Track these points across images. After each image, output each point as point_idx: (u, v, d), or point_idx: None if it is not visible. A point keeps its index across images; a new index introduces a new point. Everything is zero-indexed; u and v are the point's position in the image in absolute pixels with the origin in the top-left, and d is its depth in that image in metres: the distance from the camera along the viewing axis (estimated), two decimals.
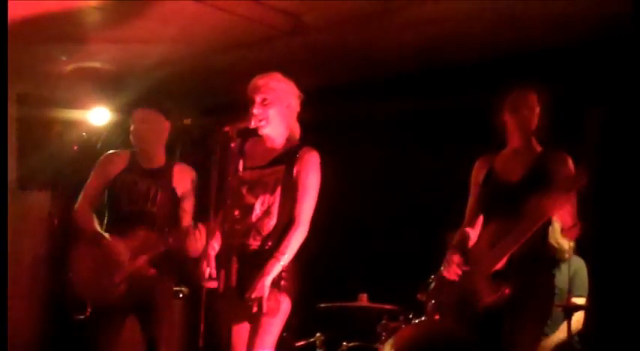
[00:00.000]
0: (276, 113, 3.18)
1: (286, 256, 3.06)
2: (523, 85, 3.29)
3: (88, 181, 3.86)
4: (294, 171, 3.15)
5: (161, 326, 3.66)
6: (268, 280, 3.02)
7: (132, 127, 3.83)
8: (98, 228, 3.72)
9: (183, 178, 3.81)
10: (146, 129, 3.81)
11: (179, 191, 3.79)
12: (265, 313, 3.01)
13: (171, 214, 3.75)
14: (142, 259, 3.62)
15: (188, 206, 3.79)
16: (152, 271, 3.64)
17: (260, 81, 3.20)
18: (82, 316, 3.61)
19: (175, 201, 3.78)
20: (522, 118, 3.24)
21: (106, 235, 3.67)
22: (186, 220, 3.75)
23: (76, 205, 3.81)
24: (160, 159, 3.86)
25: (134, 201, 3.71)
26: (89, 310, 3.63)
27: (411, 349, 1.38)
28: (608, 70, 3.56)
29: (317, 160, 3.19)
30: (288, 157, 3.19)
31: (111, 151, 3.94)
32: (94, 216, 3.77)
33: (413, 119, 4.86)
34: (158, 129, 3.84)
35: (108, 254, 3.61)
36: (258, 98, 3.17)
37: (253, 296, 3.00)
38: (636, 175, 1.59)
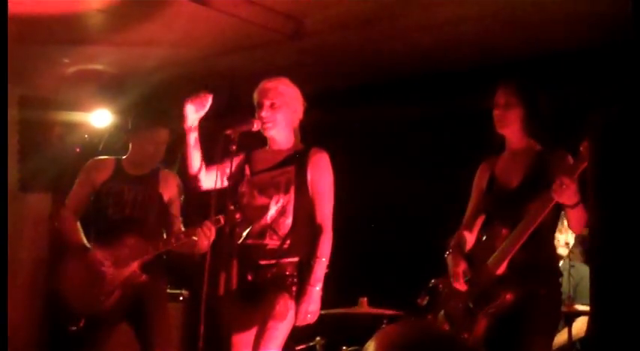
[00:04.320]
0: (283, 117, 3.23)
1: (325, 259, 3.14)
2: (504, 81, 3.26)
3: (73, 188, 3.82)
4: (307, 172, 3.20)
5: (156, 330, 3.63)
6: (319, 286, 3.11)
7: (151, 147, 3.76)
8: (83, 239, 3.69)
9: (169, 184, 3.80)
10: (162, 149, 3.78)
11: (166, 197, 3.78)
12: (273, 316, 3.03)
13: (158, 219, 3.73)
14: (134, 266, 3.60)
15: (176, 211, 3.79)
16: (144, 277, 3.63)
17: (269, 85, 3.23)
18: (75, 328, 3.55)
19: (162, 206, 3.76)
20: (499, 114, 3.20)
21: (88, 245, 3.64)
22: (176, 224, 3.74)
23: (61, 213, 3.79)
24: (147, 166, 3.82)
25: (121, 209, 3.69)
26: (83, 321, 3.57)
27: (394, 346, 1.36)
28: (610, 73, 3.56)
29: (328, 161, 3.25)
30: (298, 158, 3.24)
31: (95, 158, 3.91)
32: (79, 226, 3.74)
33: (414, 123, 4.86)
34: (165, 145, 3.81)
35: (92, 265, 3.58)
36: (267, 102, 3.20)
37: (312, 309, 3.08)
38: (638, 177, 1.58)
